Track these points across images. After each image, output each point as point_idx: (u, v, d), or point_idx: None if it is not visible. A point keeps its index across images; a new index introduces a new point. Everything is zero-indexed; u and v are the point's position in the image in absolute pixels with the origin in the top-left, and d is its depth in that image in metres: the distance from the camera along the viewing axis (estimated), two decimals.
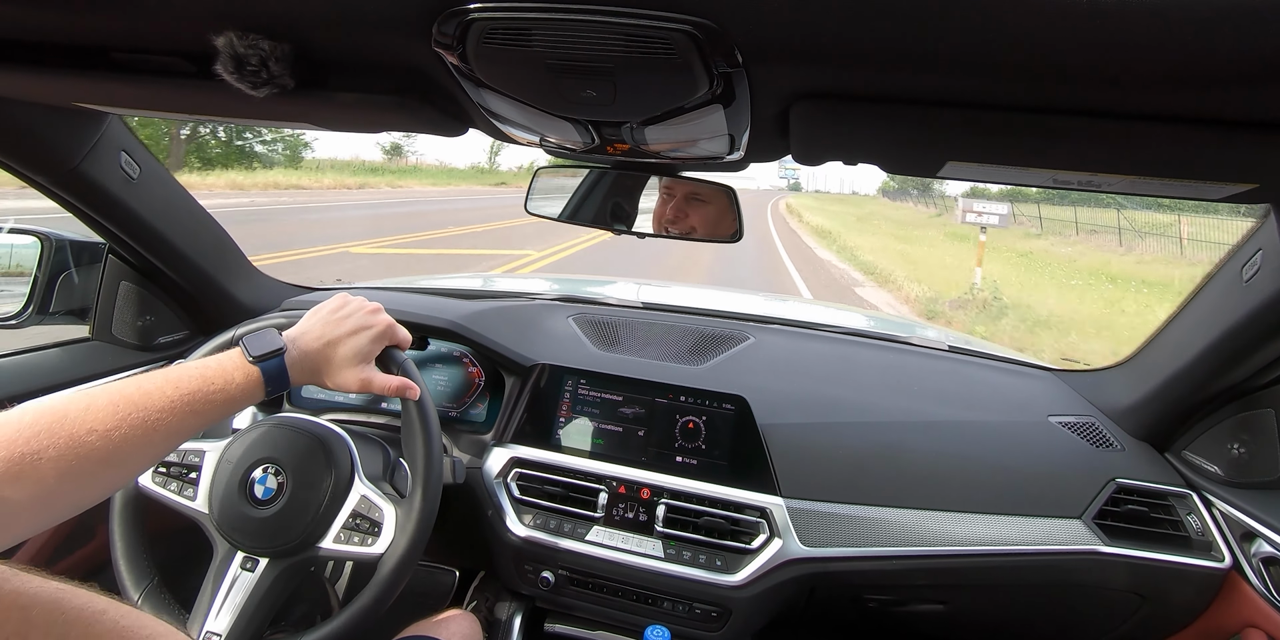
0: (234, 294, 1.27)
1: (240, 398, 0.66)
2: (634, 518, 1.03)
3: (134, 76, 0.66)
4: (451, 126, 0.74)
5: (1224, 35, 0.37)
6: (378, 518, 0.81)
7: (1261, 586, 0.88)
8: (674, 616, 1.01)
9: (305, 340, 0.75)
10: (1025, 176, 0.66)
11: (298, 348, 0.73)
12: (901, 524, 0.98)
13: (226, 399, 0.65)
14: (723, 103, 0.57)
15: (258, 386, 0.68)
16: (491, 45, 0.50)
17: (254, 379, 0.67)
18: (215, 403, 0.64)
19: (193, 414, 0.61)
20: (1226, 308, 0.88)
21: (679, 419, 1.08)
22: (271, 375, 0.69)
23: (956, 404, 1.16)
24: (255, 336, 0.70)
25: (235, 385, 0.66)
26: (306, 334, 0.76)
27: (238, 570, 0.80)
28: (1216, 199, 0.64)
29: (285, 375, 0.70)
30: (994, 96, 0.50)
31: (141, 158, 1.04)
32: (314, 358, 0.74)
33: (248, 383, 0.67)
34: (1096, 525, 0.97)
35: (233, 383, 0.65)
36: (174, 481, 0.86)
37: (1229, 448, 0.98)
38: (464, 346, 1.21)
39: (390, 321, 0.83)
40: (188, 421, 0.61)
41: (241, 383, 0.66)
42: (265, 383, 0.68)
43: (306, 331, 0.76)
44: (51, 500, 0.51)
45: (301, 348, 0.73)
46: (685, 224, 1.01)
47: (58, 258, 1.13)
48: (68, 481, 0.52)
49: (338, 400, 1.24)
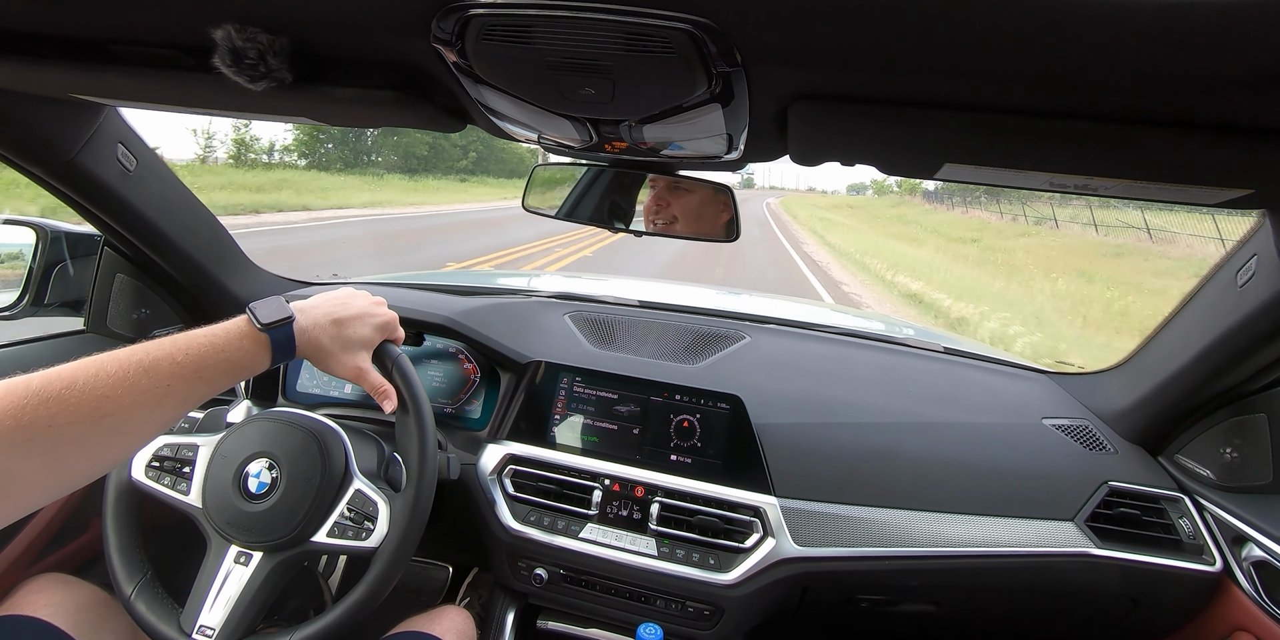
0: (229, 287, 1.26)
1: (247, 365, 0.66)
2: (628, 516, 1.03)
3: (132, 68, 0.66)
4: (449, 122, 0.74)
5: (1221, 41, 0.37)
6: (372, 512, 0.81)
7: (1252, 590, 0.89)
8: (667, 614, 1.01)
9: (314, 313, 0.74)
10: (1022, 179, 0.67)
11: (307, 318, 0.73)
12: (894, 524, 0.98)
13: (234, 366, 0.64)
14: (721, 102, 0.57)
15: (265, 354, 0.67)
16: (490, 42, 0.50)
17: (262, 345, 0.67)
18: (223, 370, 0.63)
19: (201, 381, 0.61)
20: (1221, 312, 0.88)
21: (674, 417, 1.09)
22: (279, 343, 0.68)
23: (951, 405, 1.16)
24: (264, 303, 0.70)
25: (243, 352, 0.65)
26: (316, 308, 0.76)
27: (231, 564, 0.80)
28: (1212, 204, 0.64)
29: (292, 344, 0.70)
30: (992, 99, 0.50)
31: (139, 150, 1.03)
32: (319, 333, 0.74)
33: (256, 349, 0.66)
34: (1089, 528, 0.97)
35: (241, 349, 0.65)
36: (167, 476, 0.85)
37: (1221, 452, 0.98)
38: (460, 343, 1.21)
39: (393, 315, 0.84)
40: (196, 388, 0.61)
41: (250, 349, 0.66)
42: (272, 350, 0.68)
43: (315, 306, 0.76)
44: (62, 468, 0.51)
45: (311, 318, 0.73)
46: (666, 213, 1.00)
47: (53, 249, 1.12)
48: (79, 448, 0.51)
49: (333, 396, 1.23)
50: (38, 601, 0.85)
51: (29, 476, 0.49)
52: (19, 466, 0.48)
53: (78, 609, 0.86)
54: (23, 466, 0.48)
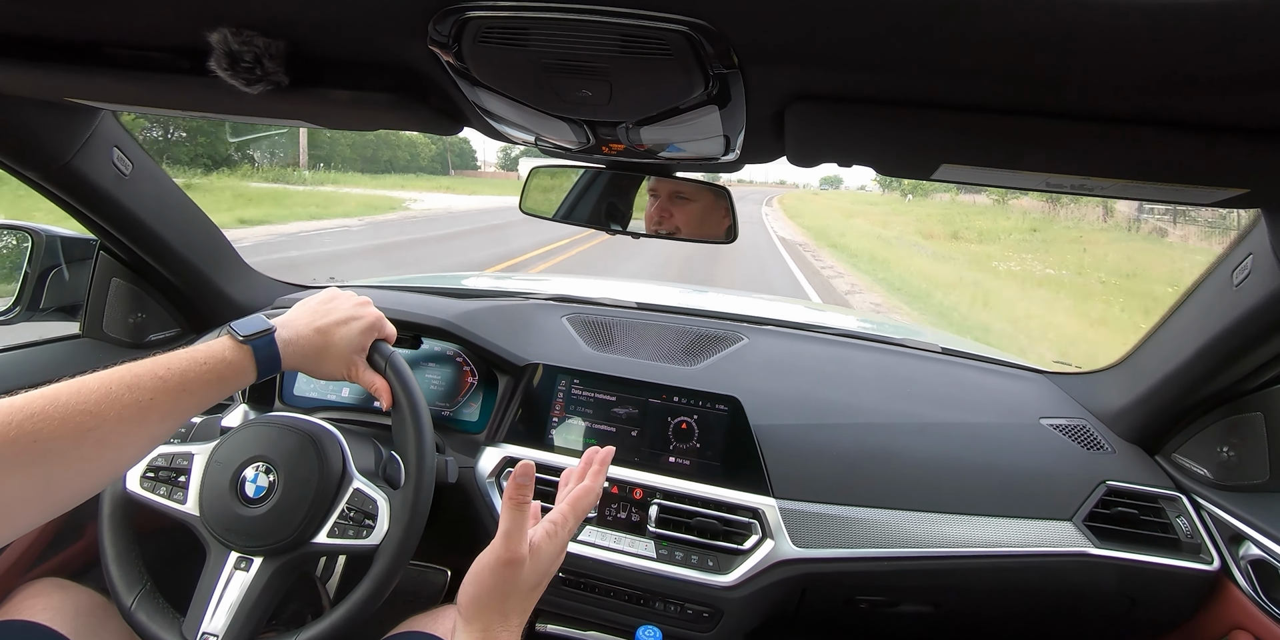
0: (225, 291, 1.26)
1: (232, 377, 0.66)
2: (626, 518, 1.03)
3: (127, 72, 0.66)
4: (446, 125, 0.74)
5: (1217, 40, 0.37)
6: (371, 510, 0.81)
7: (1250, 589, 0.89)
8: (666, 617, 1.01)
9: (296, 324, 0.75)
10: (1019, 179, 0.67)
11: (289, 329, 0.73)
12: (893, 525, 0.98)
13: (218, 377, 0.64)
14: (718, 104, 0.57)
15: (249, 364, 0.67)
16: (487, 44, 0.50)
17: (245, 357, 0.67)
18: (208, 381, 0.63)
19: (186, 393, 0.61)
20: (1217, 312, 0.88)
21: (672, 419, 1.08)
22: (263, 354, 0.69)
23: (949, 406, 1.16)
24: (242, 320, 0.71)
25: (226, 364, 0.65)
26: (296, 320, 0.76)
27: (232, 570, 0.79)
28: (1207, 203, 0.65)
29: (277, 355, 0.70)
30: (989, 100, 0.50)
31: (134, 154, 1.03)
32: (305, 342, 0.74)
33: (239, 360, 0.66)
34: (1086, 527, 0.97)
35: (224, 361, 0.65)
36: (163, 485, 0.85)
37: (1219, 451, 0.98)
38: (457, 345, 1.20)
39: (378, 314, 0.83)
40: (182, 400, 0.61)
41: (233, 360, 0.66)
42: (257, 362, 0.68)
43: (296, 318, 0.76)
44: (51, 486, 0.51)
45: (293, 330, 0.74)
46: (670, 223, 1.01)
47: (48, 254, 1.12)
48: (66, 464, 0.51)
49: (330, 399, 1.23)
50: (35, 606, 0.84)
51: (17, 494, 0.48)
52: (6, 483, 0.47)
53: (76, 613, 0.85)
54: (10, 483, 0.48)
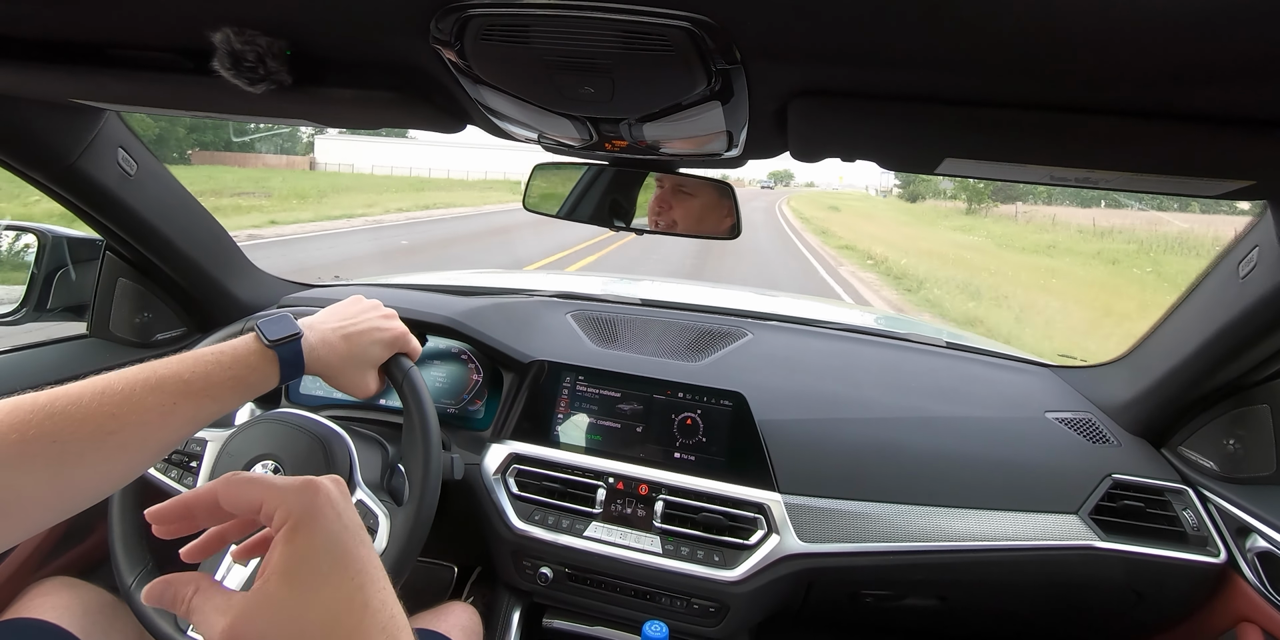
0: (231, 290, 1.26)
1: (255, 383, 0.65)
2: (632, 514, 1.03)
3: (131, 72, 0.66)
4: (449, 123, 0.74)
5: (1221, 33, 0.37)
6: (372, 524, 0.80)
7: (1257, 582, 0.89)
8: (672, 612, 1.01)
9: (323, 329, 0.73)
10: (1023, 173, 0.66)
11: (315, 334, 0.71)
12: (899, 519, 0.98)
13: (241, 384, 0.63)
14: (721, 99, 0.57)
15: (273, 370, 0.66)
16: (489, 42, 0.50)
17: (270, 362, 0.65)
18: (231, 387, 0.62)
19: (209, 399, 0.60)
20: (1223, 304, 0.88)
21: (677, 415, 1.09)
22: (287, 360, 0.67)
23: (954, 400, 1.16)
24: (270, 320, 0.68)
25: (250, 369, 0.64)
26: (324, 323, 0.74)
27: (230, 562, 0.80)
28: (1213, 196, 0.64)
29: (301, 361, 0.68)
30: (993, 93, 0.50)
31: (139, 154, 1.03)
32: (328, 350, 0.73)
33: (264, 366, 0.65)
34: (1093, 521, 0.97)
35: (248, 366, 0.64)
36: (175, 469, 0.85)
37: (1225, 443, 0.98)
38: (462, 343, 1.21)
39: (404, 329, 0.81)
40: (204, 406, 0.60)
41: (258, 365, 0.64)
42: (280, 367, 0.66)
43: (324, 322, 0.75)
44: (67, 486, 0.50)
45: (320, 335, 0.72)
46: (669, 215, 1.00)
47: (55, 254, 1.12)
48: (84, 465, 0.51)
49: (337, 398, 1.23)
50: (45, 604, 0.85)
51: (32, 493, 0.48)
52: (22, 482, 0.47)
53: (85, 612, 0.86)
54: (26, 482, 0.47)
